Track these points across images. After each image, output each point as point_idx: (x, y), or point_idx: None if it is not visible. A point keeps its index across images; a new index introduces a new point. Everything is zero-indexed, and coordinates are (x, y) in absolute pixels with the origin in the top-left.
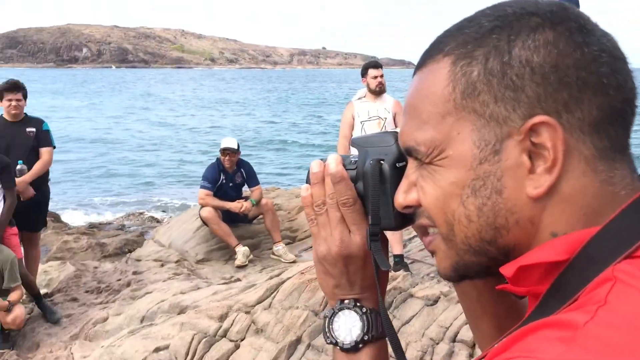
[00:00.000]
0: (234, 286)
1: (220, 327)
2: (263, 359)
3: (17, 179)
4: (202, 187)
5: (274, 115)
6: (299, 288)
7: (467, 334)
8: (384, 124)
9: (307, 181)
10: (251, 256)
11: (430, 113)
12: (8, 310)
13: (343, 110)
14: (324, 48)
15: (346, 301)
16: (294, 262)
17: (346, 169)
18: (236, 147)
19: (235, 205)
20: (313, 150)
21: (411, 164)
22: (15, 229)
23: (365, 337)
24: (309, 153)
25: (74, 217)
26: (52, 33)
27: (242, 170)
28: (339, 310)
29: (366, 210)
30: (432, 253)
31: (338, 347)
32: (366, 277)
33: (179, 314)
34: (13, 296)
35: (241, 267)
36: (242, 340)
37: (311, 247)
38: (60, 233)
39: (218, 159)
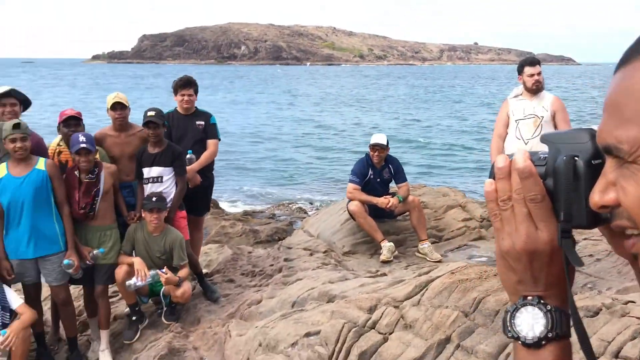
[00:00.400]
0: (380, 280)
1: (369, 318)
2: (411, 355)
3: (187, 167)
4: (351, 181)
5: (415, 114)
6: (450, 287)
7: (631, 350)
8: (540, 122)
9: (491, 176)
10: (396, 252)
11: (636, 111)
12: (178, 285)
13: (486, 109)
14: (475, 43)
15: (529, 298)
16: (439, 261)
17: (534, 165)
18: (385, 143)
19: (382, 201)
20: (453, 150)
21: (610, 163)
22: (184, 213)
23: (549, 335)
24: (449, 153)
25: (229, 205)
26: (214, 32)
27: (390, 166)
28: (522, 306)
29: (555, 207)
30: (635, 256)
31: (520, 342)
32: (551, 275)
33: (327, 302)
34: (181, 273)
35: (386, 262)
36: (390, 333)
37: (458, 247)
38: (218, 218)
39: (367, 154)
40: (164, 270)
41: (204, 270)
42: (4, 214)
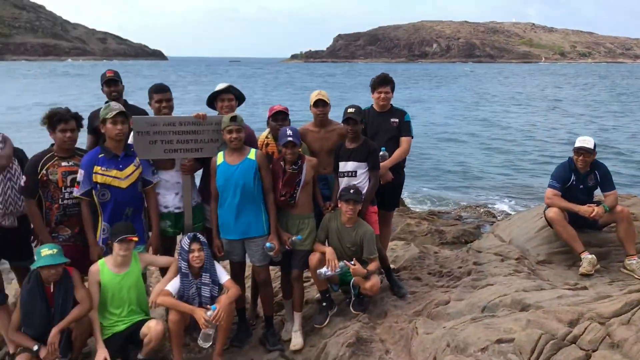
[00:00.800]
0: (581, 294)
1: (570, 332)
2: None
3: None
4: (551, 186)
5: (613, 117)
6: None
7: None
8: None
9: None
10: (598, 266)
11: None
12: (366, 277)
13: None
14: None
15: None
16: None
17: None
18: (592, 147)
19: (585, 209)
20: None
21: None
22: (375, 208)
23: None
24: None
25: (414, 203)
26: (406, 30)
27: (597, 172)
28: None
29: None
30: None
31: None
32: None
33: (520, 310)
34: (371, 266)
35: (586, 275)
36: (594, 351)
37: None
38: (403, 216)
39: (570, 159)
40: (352, 262)
41: (391, 266)
42: (218, 197)
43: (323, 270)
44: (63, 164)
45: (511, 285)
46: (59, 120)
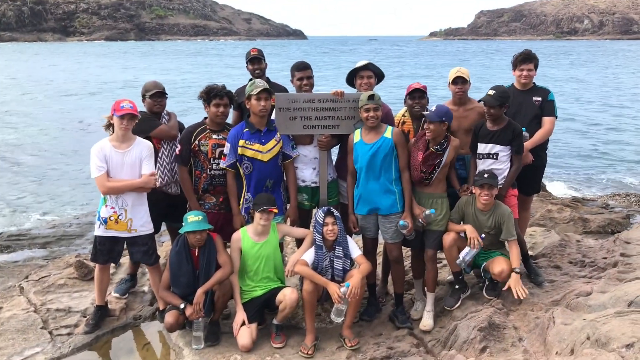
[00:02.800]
0: None
1: None
2: None
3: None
4: None
5: None
6: None
7: None
8: None
9: None
10: None
11: None
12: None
13: None
14: None
15: None
16: None
17: None
18: None
19: None
20: None
21: None
22: (515, 191)
23: None
24: None
25: (557, 188)
26: (555, 5)
27: None
28: None
29: None
30: None
31: None
32: None
33: None
34: (512, 250)
35: None
36: None
37: None
38: (544, 202)
39: None
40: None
41: (528, 252)
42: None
43: (462, 254)
44: (214, 136)
45: None
46: (215, 95)
